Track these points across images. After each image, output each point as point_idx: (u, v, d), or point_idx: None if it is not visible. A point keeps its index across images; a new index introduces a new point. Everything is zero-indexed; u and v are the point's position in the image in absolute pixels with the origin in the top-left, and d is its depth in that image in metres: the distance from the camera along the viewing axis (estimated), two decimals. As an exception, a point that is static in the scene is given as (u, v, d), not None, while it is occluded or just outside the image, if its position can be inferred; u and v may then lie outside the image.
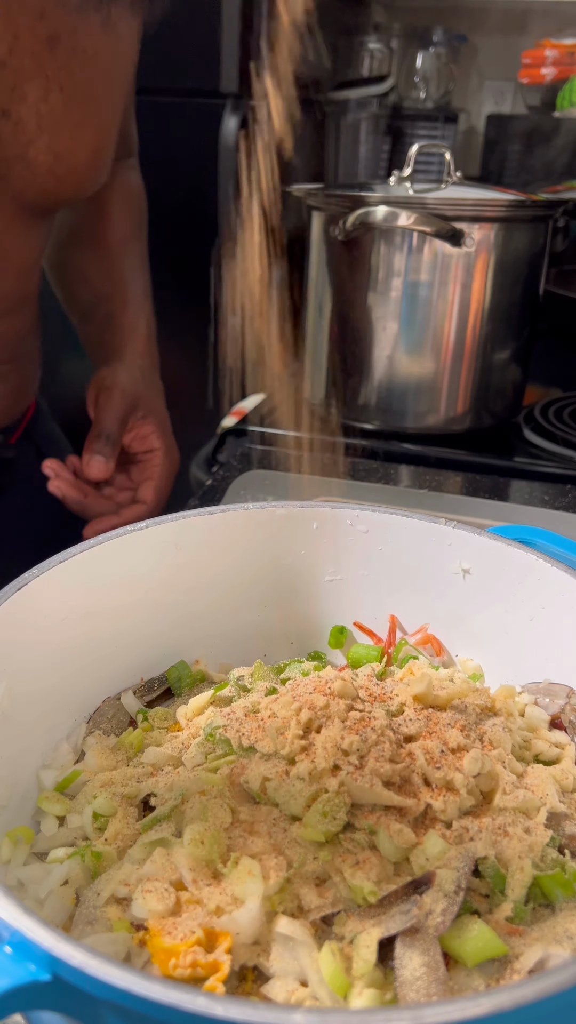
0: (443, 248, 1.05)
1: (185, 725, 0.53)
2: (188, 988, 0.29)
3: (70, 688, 0.53)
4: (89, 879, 0.44)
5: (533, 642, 0.55)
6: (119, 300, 1.00)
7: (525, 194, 1.12)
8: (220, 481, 1.05)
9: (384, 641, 0.61)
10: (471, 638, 0.59)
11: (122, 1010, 0.30)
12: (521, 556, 0.55)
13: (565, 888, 0.41)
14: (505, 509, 1.01)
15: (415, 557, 0.59)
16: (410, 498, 1.03)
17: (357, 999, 0.36)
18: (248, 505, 0.59)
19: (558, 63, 1.67)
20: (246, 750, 0.46)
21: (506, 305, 1.12)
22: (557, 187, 1.66)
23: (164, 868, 0.41)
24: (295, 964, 0.37)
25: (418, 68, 2.03)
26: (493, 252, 1.07)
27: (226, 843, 0.41)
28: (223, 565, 0.59)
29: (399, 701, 0.50)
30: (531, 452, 1.17)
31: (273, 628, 0.62)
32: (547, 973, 0.29)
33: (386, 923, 0.38)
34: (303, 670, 0.57)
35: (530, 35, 1.90)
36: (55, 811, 0.48)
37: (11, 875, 0.44)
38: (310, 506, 0.60)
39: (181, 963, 0.36)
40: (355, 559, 0.60)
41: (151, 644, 0.58)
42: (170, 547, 0.57)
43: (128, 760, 0.51)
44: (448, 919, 0.38)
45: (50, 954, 0.30)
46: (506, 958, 0.38)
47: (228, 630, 0.60)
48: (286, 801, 0.42)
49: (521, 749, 0.50)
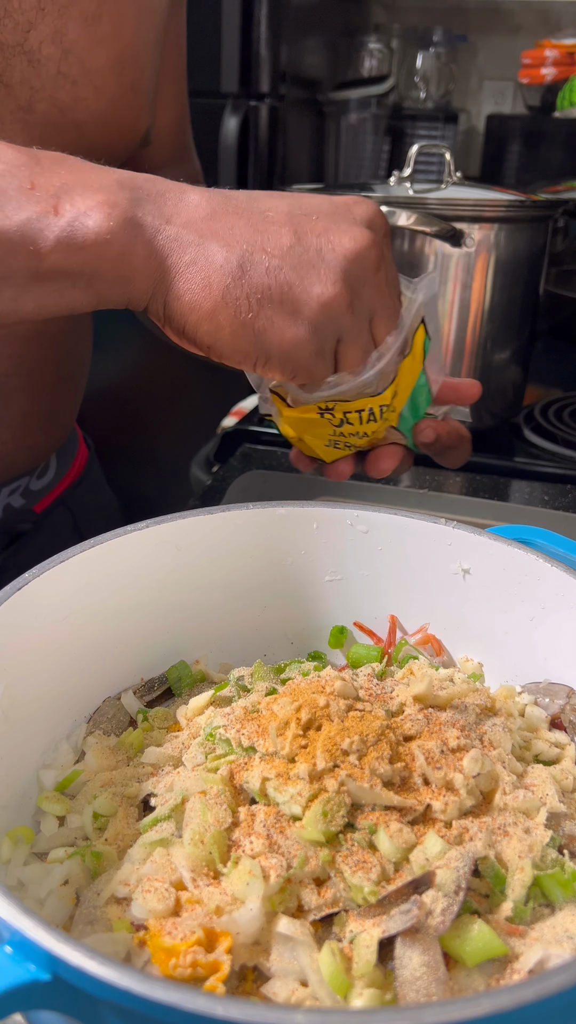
0: (443, 248, 1.05)
1: (185, 725, 0.53)
2: (188, 988, 0.29)
3: (70, 688, 0.53)
4: (89, 879, 0.44)
5: (533, 642, 0.55)
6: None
7: (525, 194, 1.12)
8: (220, 481, 1.05)
9: (384, 641, 0.61)
10: (471, 638, 0.59)
11: (122, 1010, 0.30)
12: (521, 556, 0.55)
13: (565, 888, 0.41)
14: (505, 509, 1.01)
15: (415, 557, 0.59)
16: (410, 498, 1.03)
17: (357, 999, 0.36)
18: (248, 505, 0.59)
19: (558, 63, 1.67)
20: (246, 750, 0.46)
21: (506, 305, 1.12)
22: (557, 187, 1.66)
23: (164, 868, 0.41)
24: (295, 964, 0.37)
25: (418, 68, 2.02)
26: (493, 252, 1.07)
27: (226, 843, 0.42)
28: (223, 565, 0.59)
29: (399, 701, 0.50)
30: (531, 452, 1.18)
31: (273, 628, 0.62)
32: (547, 973, 0.29)
33: (386, 923, 0.38)
34: (303, 670, 0.57)
35: (530, 35, 1.90)
36: (55, 811, 0.48)
37: (11, 875, 0.44)
38: (310, 506, 0.60)
39: (181, 963, 0.36)
40: (355, 559, 0.60)
41: (151, 644, 0.58)
42: (170, 547, 0.57)
43: (128, 760, 0.51)
44: (448, 919, 0.38)
45: (50, 954, 0.30)
46: (506, 958, 0.38)
47: (228, 630, 0.60)
48: (286, 801, 0.42)
49: (521, 749, 0.50)
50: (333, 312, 0.52)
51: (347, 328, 0.53)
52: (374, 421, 0.60)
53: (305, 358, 0.52)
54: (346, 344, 0.54)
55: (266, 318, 0.50)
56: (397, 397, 0.60)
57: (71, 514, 0.91)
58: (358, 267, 0.52)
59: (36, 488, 0.84)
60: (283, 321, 0.51)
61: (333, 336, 0.53)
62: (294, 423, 0.61)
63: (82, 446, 0.95)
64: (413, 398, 0.61)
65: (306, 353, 0.52)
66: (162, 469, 1.55)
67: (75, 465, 0.92)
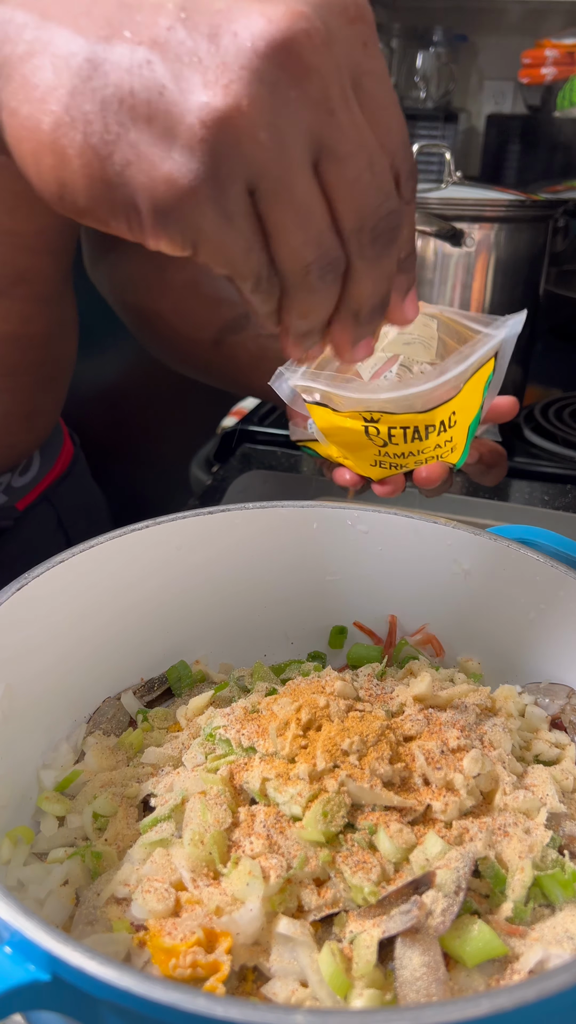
0: (443, 248, 1.05)
1: (185, 725, 0.53)
2: (188, 988, 0.29)
3: (70, 688, 0.53)
4: (89, 879, 0.44)
5: (533, 642, 0.55)
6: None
7: (525, 194, 1.12)
8: (220, 481, 1.05)
9: (384, 641, 0.61)
10: (471, 638, 0.59)
11: (122, 1010, 0.29)
12: (521, 556, 0.55)
13: (565, 888, 0.41)
14: (505, 509, 1.01)
15: (415, 557, 0.59)
16: (410, 498, 1.03)
17: (357, 999, 0.36)
18: (248, 505, 0.59)
19: (558, 63, 1.67)
20: (246, 750, 0.46)
21: (506, 305, 1.12)
22: (557, 187, 1.66)
23: (164, 868, 0.41)
24: (295, 964, 0.37)
25: (418, 68, 2.03)
26: (493, 252, 1.07)
27: (226, 843, 0.41)
28: (223, 565, 0.59)
29: (399, 701, 0.50)
30: (531, 452, 1.18)
31: (273, 628, 0.62)
32: (547, 974, 0.29)
33: (386, 923, 0.38)
34: (303, 670, 0.57)
35: (530, 35, 1.90)
36: (55, 811, 0.48)
37: (11, 875, 0.44)
38: (310, 506, 0.60)
39: (181, 963, 0.36)
40: (355, 559, 0.60)
41: (151, 644, 0.58)
42: (170, 547, 0.57)
43: (128, 760, 0.51)
44: (448, 919, 0.38)
45: (50, 954, 0.30)
46: (506, 958, 0.38)
47: (228, 630, 0.60)
48: (286, 801, 0.42)
49: (521, 749, 0.50)
50: (230, 136, 0.31)
51: (263, 169, 0.31)
52: (419, 440, 0.56)
53: (193, 211, 0.32)
54: (269, 201, 0.32)
55: (128, 144, 0.32)
56: (456, 427, 0.56)
57: (55, 510, 0.88)
58: (282, 64, 0.31)
59: (19, 485, 0.83)
60: (153, 148, 0.31)
61: (238, 179, 0.32)
62: (337, 436, 0.57)
63: (67, 442, 0.94)
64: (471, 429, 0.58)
65: (193, 203, 0.32)
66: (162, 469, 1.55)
67: (59, 461, 0.90)
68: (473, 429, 0.57)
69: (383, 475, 0.60)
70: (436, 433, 0.57)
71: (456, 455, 0.57)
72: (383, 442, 0.57)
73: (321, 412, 0.57)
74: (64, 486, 0.90)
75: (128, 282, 0.88)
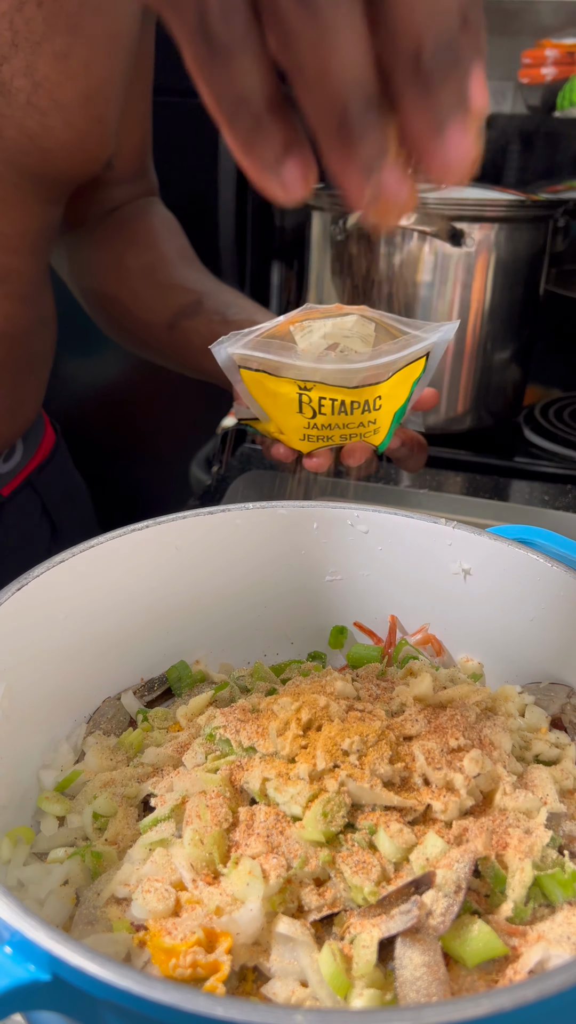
0: (443, 248, 1.05)
1: (185, 725, 0.53)
2: (188, 988, 0.29)
3: (70, 688, 0.53)
4: (89, 879, 0.44)
5: (533, 642, 0.55)
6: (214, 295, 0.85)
7: (525, 194, 1.12)
8: (220, 481, 1.05)
9: (384, 641, 0.61)
10: (471, 638, 0.59)
11: (122, 1010, 0.29)
12: (521, 556, 0.55)
13: (565, 888, 0.41)
14: (505, 509, 1.02)
15: (415, 557, 0.59)
16: (410, 498, 1.03)
17: (357, 999, 0.36)
18: (248, 505, 0.59)
19: (558, 63, 1.67)
20: (246, 750, 0.46)
21: (506, 305, 1.12)
22: (557, 187, 1.66)
23: (164, 868, 0.41)
24: (295, 964, 0.37)
25: (418, 68, 2.03)
26: (493, 252, 1.07)
27: (226, 843, 0.41)
28: (223, 565, 0.59)
29: (399, 701, 0.50)
30: (531, 452, 1.18)
31: (273, 628, 0.62)
32: (547, 973, 0.29)
33: (386, 923, 0.38)
34: (303, 670, 0.57)
35: (530, 35, 1.90)
36: (55, 811, 0.48)
37: (11, 875, 0.44)
38: (310, 506, 0.60)
39: (181, 963, 0.36)
40: (355, 559, 0.60)
41: (151, 644, 0.58)
42: (170, 547, 0.57)
43: (128, 760, 0.51)
44: (448, 919, 0.38)
45: (50, 954, 0.30)
46: (506, 958, 0.38)
47: (228, 630, 0.60)
48: (286, 801, 0.42)
49: (521, 749, 0.50)
50: None
51: None
52: (345, 414, 0.60)
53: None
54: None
55: None
56: (381, 411, 0.60)
57: (38, 496, 0.91)
58: None
59: (3, 471, 0.86)
60: None
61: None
62: (268, 401, 0.61)
63: (48, 430, 0.97)
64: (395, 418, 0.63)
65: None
66: (162, 469, 1.55)
67: (41, 448, 0.94)
68: (398, 418, 0.62)
69: (312, 448, 0.64)
70: (361, 411, 0.60)
71: (379, 438, 0.62)
72: (312, 412, 0.60)
73: (257, 377, 0.60)
74: (47, 472, 0.94)
75: (86, 266, 0.92)
